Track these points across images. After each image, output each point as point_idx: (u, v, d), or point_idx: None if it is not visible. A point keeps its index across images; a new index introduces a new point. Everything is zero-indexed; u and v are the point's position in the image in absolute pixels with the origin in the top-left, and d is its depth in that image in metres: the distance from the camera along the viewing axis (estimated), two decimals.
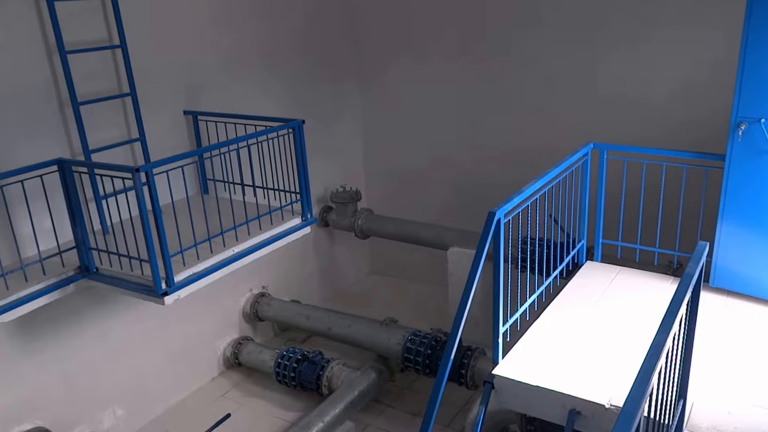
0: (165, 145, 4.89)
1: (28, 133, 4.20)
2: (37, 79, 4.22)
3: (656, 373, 2.11)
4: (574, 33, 5.74)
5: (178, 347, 5.52)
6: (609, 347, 3.68)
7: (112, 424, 5.04)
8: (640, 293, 4.24)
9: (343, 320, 5.71)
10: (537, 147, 6.00)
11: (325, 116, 6.60)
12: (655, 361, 2.10)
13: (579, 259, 4.68)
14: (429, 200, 6.95)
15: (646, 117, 5.56)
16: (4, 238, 3.97)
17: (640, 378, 2.02)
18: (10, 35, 4.07)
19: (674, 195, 4.35)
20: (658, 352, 2.14)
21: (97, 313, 4.82)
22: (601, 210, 4.59)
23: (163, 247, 3.79)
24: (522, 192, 3.61)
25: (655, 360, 2.10)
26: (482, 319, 5.10)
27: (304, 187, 4.74)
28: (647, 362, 2.09)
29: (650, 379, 2.03)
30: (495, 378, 3.48)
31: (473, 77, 6.34)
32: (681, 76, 5.36)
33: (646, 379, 2.02)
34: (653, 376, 2.06)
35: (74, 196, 3.94)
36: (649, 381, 2.02)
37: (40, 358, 4.51)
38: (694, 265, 2.63)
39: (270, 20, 5.84)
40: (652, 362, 2.09)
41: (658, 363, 2.12)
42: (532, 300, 3.98)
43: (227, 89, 5.49)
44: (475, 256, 3.29)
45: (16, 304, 3.77)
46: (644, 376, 2.04)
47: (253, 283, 6.14)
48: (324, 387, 5.15)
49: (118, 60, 4.60)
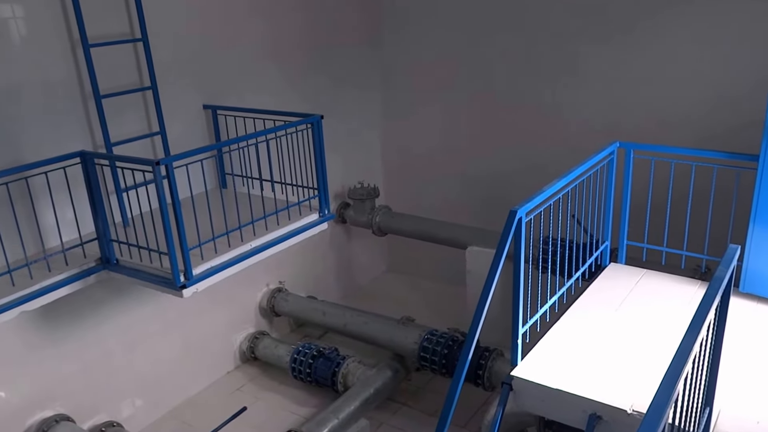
0: (185, 139, 4.91)
1: (52, 126, 4.24)
2: (61, 72, 4.26)
3: (682, 379, 2.04)
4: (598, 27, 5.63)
5: (196, 340, 5.55)
6: (632, 351, 3.59)
7: (130, 414, 5.09)
8: (665, 297, 4.13)
9: (359, 317, 5.69)
10: (560, 145, 5.91)
11: (344, 112, 6.58)
12: (681, 366, 2.03)
13: (602, 261, 4.59)
14: (447, 198, 6.89)
15: (674, 115, 5.43)
16: (29, 229, 4.02)
17: (666, 383, 1.96)
18: (36, 29, 4.11)
19: (703, 196, 4.23)
20: (685, 358, 2.06)
21: (116, 304, 4.87)
22: (626, 210, 4.48)
23: (182, 240, 3.80)
24: (544, 191, 3.53)
25: (681, 365, 2.03)
26: (501, 320, 5.03)
27: (322, 183, 4.73)
28: (673, 367, 2.02)
29: (676, 384, 1.96)
30: (513, 379, 3.42)
31: (497, 72, 6.26)
32: (713, 75, 5.22)
33: (672, 385, 1.95)
34: (679, 381, 1.99)
35: (96, 188, 3.97)
36: (674, 387, 1.95)
37: (62, 347, 4.57)
38: (725, 268, 2.55)
39: (289, 15, 5.82)
40: (678, 368, 2.02)
41: (685, 368, 2.05)
42: (553, 301, 3.91)
43: (246, 84, 5.49)
44: (495, 255, 3.23)
45: (39, 294, 3.83)
46: (670, 381, 1.97)
47: (270, 278, 6.14)
48: (339, 384, 5.13)
49: (139, 54, 4.62)
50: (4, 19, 3.97)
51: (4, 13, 3.96)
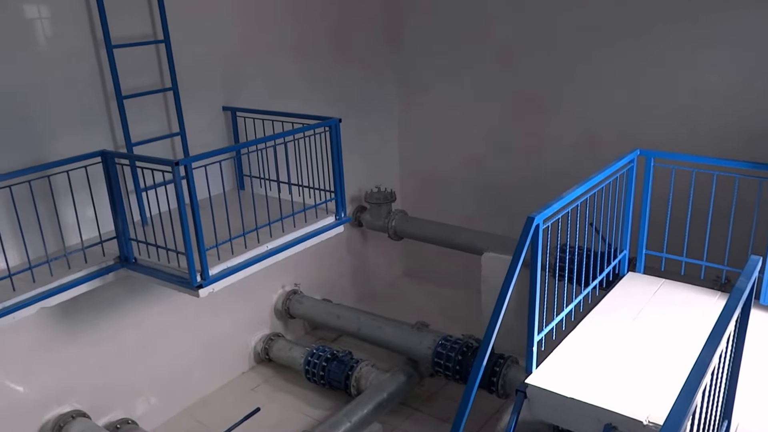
0: (204, 140, 4.96)
1: (74, 125, 4.31)
2: (85, 72, 4.32)
3: (700, 391, 2.00)
4: (620, 34, 5.58)
5: (211, 340, 5.58)
6: (649, 362, 3.54)
7: (145, 411, 5.13)
8: (684, 307, 4.07)
9: (373, 321, 5.68)
10: (581, 152, 5.86)
11: (362, 116, 6.59)
12: (699, 378, 1.99)
13: (620, 270, 4.53)
14: (464, 203, 6.87)
15: (695, 125, 5.36)
16: (50, 226, 4.08)
17: (683, 395, 1.92)
18: (61, 29, 4.19)
19: (725, 206, 4.16)
20: (704, 369, 2.03)
21: (133, 302, 4.92)
22: (645, 219, 4.43)
23: (200, 241, 3.83)
24: (562, 198, 3.51)
25: (699, 377, 2.00)
26: (516, 327, 4.99)
27: (339, 186, 4.74)
28: (691, 379, 1.98)
29: (694, 396, 1.93)
30: (528, 387, 3.39)
31: (517, 78, 6.23)
32: (736, 84, 5.14)
33: (690, 397, 1.92)
34: (697, 393, 1.96)
35: (116, 187, 4.02)
36: (692, 399, 1.92)
37: (80, 344, 4.63)
38: (746, 280, 2.50)
39: (308, 18, 5.86)
40: (696, 379, 1.98)
41: (703, 380, 2.01)
42: (569, 309, 3.87)
43: (265, 86, 5.53)
44: (512, 262, 3.21)
45: (59, 290, 3.88)
46: (687, 393, 1.94)
47: (285, 279, 6.17)
48: (352, 387, 5.13)
49: (161, 55, 4.68)
50: (31, 20, 4.05)
51: (30, 14, 4.04)
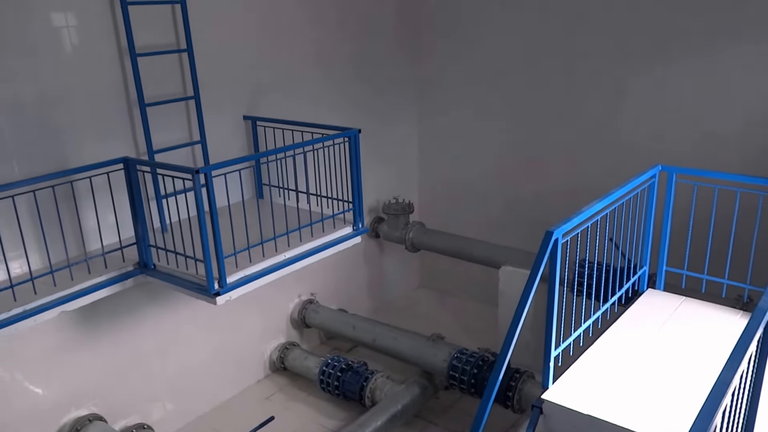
0: (224, 149, 5.01)
1: (98, 131, 4.39)
2: (109, 79, 4.40)
3: (720, 412, 1.96)
4: (644, 47, 5.54)
5: (227, 348, 5.61)
6: (668, 380, 3.47)
7: (160, 417, 5.16)
8: (705, 326, 3.99)
9: (389, 332, 5.66)
10: (603, 167, 5.81)
11: (382, 127, 6.62)
12: (720, 398, 1.95)
13: (640, 287, 4.46)
14: (482, 216, 6.83)
15: (719, 140, 5.29)
16: (71, 231, 4.15)
17: (703, 416, 1.89)
18: (87, 37, 4.27)
19: (748, 223, 4.09)
20: (724, 390, 1.99)
21: (151, 308, 4.96)
22: (666, 236, 4.36)
23: (218, 248, 3.86)
24: (582, 212, 3.47)
25: (720, 398, 1.96)
26: (532, 342, 4.94)
27: (357, 197, 4.75)
28: (711, 399, 1.94)
29: (713, 417, 1.89)
30: (544, 403, 3.34)
31: (539, 92, 6.21)
32: (760, 101, 5.07)
33: (709, 418, 1.88)
34: (717, 414, 1.92)
35: (137, 194, 4.07)
36: (712, 419, 1.88)
37: (98, 348, 4.68)
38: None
39: (329, 29, 5.91)
40: (716, 400, 1.94)
41: (723, 401, 1.97)
42: (588, 325, 3.82)
43: (286, 96, 5.58)
44: (530, 276, 3.18)
45: (79, 295, 3.93)
46: (707, 413, 1.90)
47: (302, 289, 6.18)
48: (367, 398, 5.11)
49: (184, 64, 4.75)
50: (58, 28, 4.14)
51: (57, 22, 4.13)
